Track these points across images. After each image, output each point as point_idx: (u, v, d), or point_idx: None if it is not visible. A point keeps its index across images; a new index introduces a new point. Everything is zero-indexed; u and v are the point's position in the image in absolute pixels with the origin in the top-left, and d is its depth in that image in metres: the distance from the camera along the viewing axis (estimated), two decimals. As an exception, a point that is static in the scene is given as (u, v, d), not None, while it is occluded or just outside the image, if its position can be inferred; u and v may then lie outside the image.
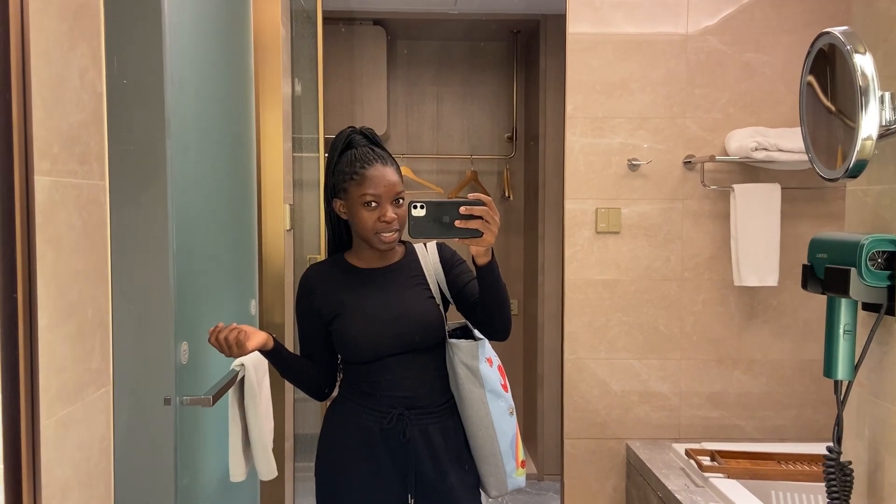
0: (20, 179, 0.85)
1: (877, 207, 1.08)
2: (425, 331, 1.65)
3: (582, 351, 2.77)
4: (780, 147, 2.55)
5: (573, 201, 2.74)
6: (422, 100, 4.29)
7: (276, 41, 2.41)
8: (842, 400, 1.07)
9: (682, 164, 2.73)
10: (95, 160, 1.05)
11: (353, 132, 1.67)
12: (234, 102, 2.03)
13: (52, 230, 0.92)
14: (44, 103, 0.90)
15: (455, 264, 1.73)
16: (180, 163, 1.53)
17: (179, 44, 1.54)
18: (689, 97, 2.72)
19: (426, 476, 1.65)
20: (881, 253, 0.99)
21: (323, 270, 1.73)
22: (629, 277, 2.76)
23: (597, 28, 2.71)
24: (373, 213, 1.60)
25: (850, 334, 1.05)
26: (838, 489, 1.06)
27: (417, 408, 1.65)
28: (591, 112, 2.73)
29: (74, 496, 0.98)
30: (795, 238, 2.71)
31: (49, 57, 0.92)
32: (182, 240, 1.53)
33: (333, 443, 1.70)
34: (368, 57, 3.96)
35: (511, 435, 1.70)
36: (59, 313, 0.94)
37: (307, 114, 2.86)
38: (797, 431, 2.78)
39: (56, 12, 0.94)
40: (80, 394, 1.00)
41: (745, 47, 2.72)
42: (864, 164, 0.96)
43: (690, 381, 2.78)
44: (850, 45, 0.96)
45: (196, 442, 1.69)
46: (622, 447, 2.78)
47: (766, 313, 2.77)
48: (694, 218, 2.75)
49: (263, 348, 1.63)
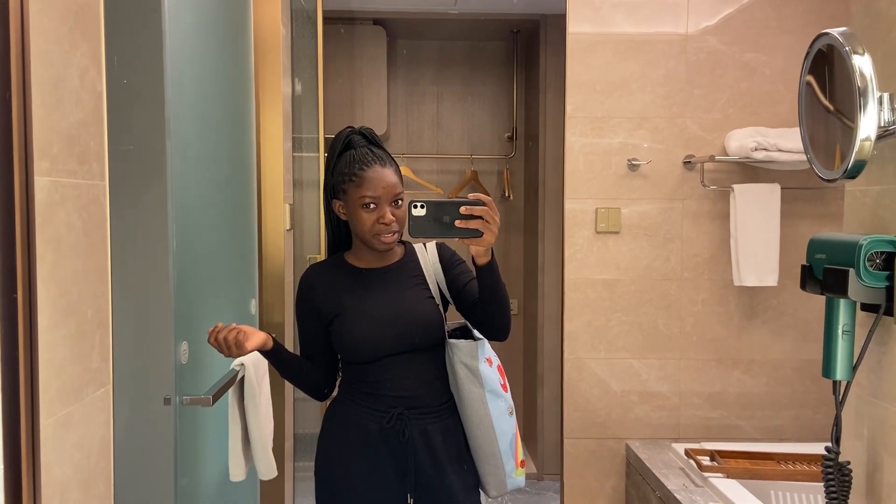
0: (20, 179, 0.85)
1: (875, 208, 1.08)
2: (425, 331, 1.65)
3: (582, 351, 2.77)
4: (779, 147, 2.55)
5: (573, 201, 2.75)
6: (422, 99, 4.29)
7: (276, 41, 2.41)
8: (840, 400, 1.07)
9: (682, 163, 2.73)
10: (95, 160, 1.05)
11: (352, 132, 1.67)
12: (234, 102, 2.03)
13: (51, 230, 0.92)
14: (44, 103, 0.90)
15: (455, 264, 1.73)
16: (180, 162, 1.53)
17: (179, 44, 1.54)
18: (689, 97, 2.73)
19: (426, 476, 1.65)
20: (880, 253, 0.99)
21: (323, 271, 1.74)
22: (629, 277, 2.76)
23: (597, 28, 2.71)
24: (371, 214, 1.60)
25: (849, 335, 1.05)
26: (837, 489, 1.06)
27: (417, 408, 1.66)
28: (591, 112, 2.73)
29: (74, 496, 0.98)
30: (795, 238, 2.71)
31: (49, 57, 0.92)
32: (182, 239, 1.53)
33: (333, 442, 1.70)
34: (368, 57, 3.96)
35: (510, 435, 1.70)
36: (58, 313, 0.94)
37: (307, 113, 2.86)
38: (796, 431, 2.79)
39: (56, 13, 0.94)
40: (80, 394, 1.00)
41: (745, 47, 2.72)
42: (862, 164, 0.96)
43: (690, 380, 2.78)
44: (849, 46, 0.97)
45: (196, 441, 1.69)
46: (622, 447, 2.79)
47: (765, 313, 2.77)
48: (694, 218, 2.75)
49: (263, 348, 1.63)
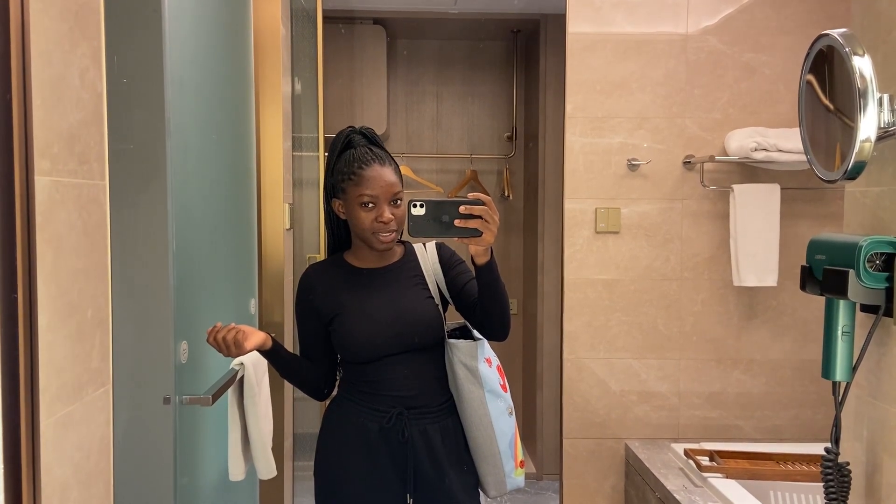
0: (20, 179, 0.85)
1: (875, 209, 1.08)
2: (424, 331, 1.65)
3: (581, 351, 2.77)
4: (779, 147, 2.55)
5: (573, 201, 2.75)
6: (422, 99, 4.29)
7: (275, 40, 2.41)
8: (840, 401, 1.07)
9: (682, 164, 2.74)
10: (95, 160, 1.05)
11: (353, 132, 1.67)
12: (233, 102, 2.03)
13: (52, 230, 0.92)
14: (44, 103, 0.90)
15: (454, 264, 1.73)
16: (180, 162, 1.53)
17: (179, 43, 1.54)
18: (689, 97, 2.73)
19: (425, 476, 1.65)
20: (879, 254, 0.99)
21: (322, 270, 1.74)
22: (629, 277, 2.76)
23: (597, 28, 2.71)
24: (370, 213, 1.60)
25: (849, 335, 1.05)
26: (836, 490, 1.06)
27: (416, 408, 1.66)
28: (591, 112, 2.73)
29: (74, 495, 0.98)
30: (795, 238, 2.71)
31: (49, 57, 0.92)
32: (182, 239, 1.53)
33: (332, 442, 1.70)
34: (368, 56, 3.96)
35: (510, 435, 1.70)
36: (58, 313, 0.94)
37: (307, 113, 2.86)
38: (796, 431, 2.79)
39: (57, 12, 0.94)
40: (80, 393, 1.00)
41: (745, 47, 2.72)
42: (862, 165, 0.96)
43: (689, 381, 2.78)
44: (849, 47, 0.96)
45: (195, 441, 1.69)
46: (621, 447, 2.79)
47: (765, 313, 2.77)
48: (693, 218, 2.75)
49: (262, 348, 1.63)
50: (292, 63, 2.64)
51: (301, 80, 2.78)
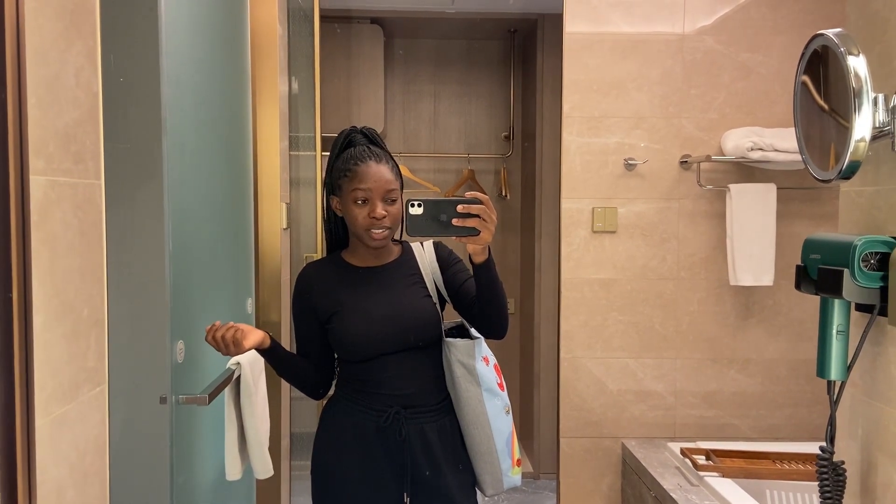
0: (15, 178, 0.85)
1: (870, 209, 1.08)
2: (422, 329, 1.65)
3: (578, 350, 2.77)
4: (775, 147, 2.55)
5: (570, 200, 2.75)
6: (419, 98, 4.29)
7: (272, 39, 2.41)
8: (835, 400, 1.07)
9: (679, 163, 2.74)
10: (91, 159, 1.05)
11: (354, 132, 1.68)
12: (230, 101, 2.03)
13: (47, 229, 0.92)
14: (39, 102, 0.90)
15: (452, 263, 1.73)
16: (176, 161, 1.53)
17: (176, 42, 1.54)
18: (686, 97, 2.73)
19: (422, 475, 1.66)
20: (874, 254, 0.99)
21: (320, 269, 1.74)
22: (625, 277, 2.76)
23: (594, 27, 2.72)
24: (363, 209, 1.60)
25: (843, 335, 1.06)
26: (831, 489, 1.06)
27: (414, 406, 1.66)
28: (588, 111, 2.73)
29: (69, 495, 0.98)
30: (791, 238, 2.72)
31: (45, 56, 0.92)
32: (178, 238, 1.53)
33: (330, 441, 1.70)
34: (365, 55, 3.95)
35: (507, 433, 1.70)
36: (54, 312, 0.94)
37: (304, 112, 2.85)
38: (792, 431, 2.79)
39: (52, 11, 0.94)
40: (76, 393, 1.00)
41: (742, 47, 2.72)
42: (857, 165, 0.97)
43: (686, 380, 2.78)
44: (844, 47, 0.97)
45: (192, 441, 1.69)
46: (618, 446, 2.79)
47: (761, 313, 2.78)
48: (690, 217, 2.76)
49: (260, 347, 1.63)
50: (289, 62, 2.64)
51: (298, 79, 2.78)
